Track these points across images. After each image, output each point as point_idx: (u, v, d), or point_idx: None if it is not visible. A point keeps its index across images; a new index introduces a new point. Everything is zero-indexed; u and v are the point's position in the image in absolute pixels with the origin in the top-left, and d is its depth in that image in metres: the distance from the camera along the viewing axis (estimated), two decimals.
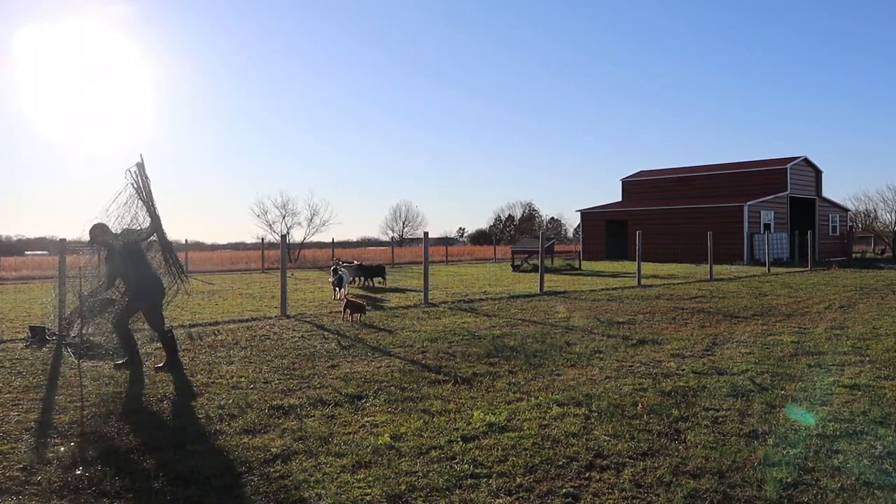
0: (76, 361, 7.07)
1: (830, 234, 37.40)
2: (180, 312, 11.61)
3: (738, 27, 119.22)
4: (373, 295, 15.66)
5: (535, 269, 22.19)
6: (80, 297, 6.84)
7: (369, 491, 3.62)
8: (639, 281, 18.25)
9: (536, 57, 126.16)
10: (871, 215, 46.18)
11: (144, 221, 7.20)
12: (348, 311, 10.50)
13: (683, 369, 6.67)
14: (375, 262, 22.96)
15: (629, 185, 40.24)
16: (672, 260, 30.95)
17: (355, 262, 19.97)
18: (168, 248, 7.40)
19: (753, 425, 4.72)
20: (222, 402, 5.51)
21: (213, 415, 5.16)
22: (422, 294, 13.57)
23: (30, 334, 8.69)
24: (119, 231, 7.08)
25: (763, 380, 6.19)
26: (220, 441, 4.52)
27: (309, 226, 41.08)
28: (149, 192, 7.12)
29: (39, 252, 47.47)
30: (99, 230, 6.99)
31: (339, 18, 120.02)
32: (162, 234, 7.28)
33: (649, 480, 3.73)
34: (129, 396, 5.71)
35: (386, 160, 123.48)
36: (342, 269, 15.32)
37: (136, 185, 7.05)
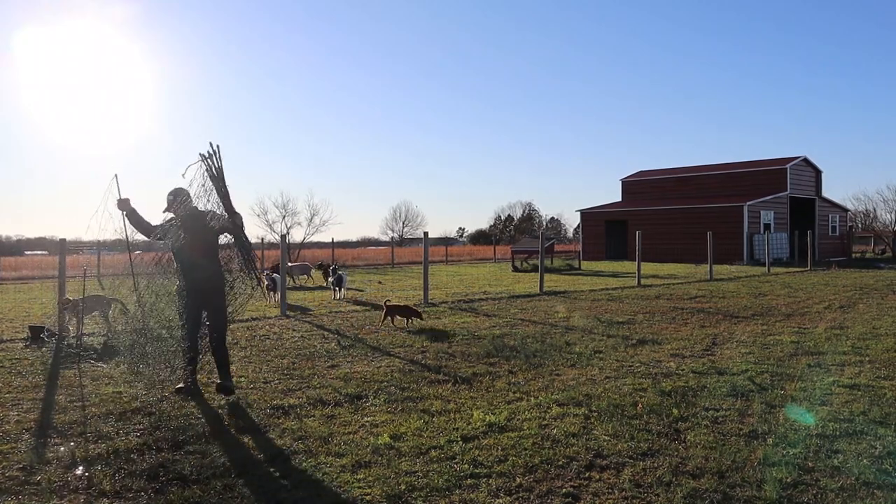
0: (76, 362, 7.07)
1: (830, 234, 37.39)
2: None
3: (739, 27, 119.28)
4: (372, 295, 15.65)
5: (534, 269, 22.19)
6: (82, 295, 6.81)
7: (369, 491, 3.62)
8: (639, 281, 18.25)
9: (537, 57, 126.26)
10: (871, 215, 46.17)
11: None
12: (395, 316, 9.72)
13: (683, 369, 6.67)
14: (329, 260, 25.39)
15: (629, 185, 40.22)
16: (672, 260, 30.94)
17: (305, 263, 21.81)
18: (247, 247, 6.22)
19: (753, 425, 4.72)
20: (222, 402, 5.52)
21: (213, 415, 5.17)
22: (422, 294, 13.57)
23: (30, 334, 8.69)
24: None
25: (763, 380, 6.19)
26: (220, 441, 4.52)
27: (309, 226, 41.01)
28: (223, 184, 5.82)
29: (39, 252, 47.48)
30: (185, 196, 5.78)
31: (339, 18, 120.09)
32: (241, 235, 6.08)
33: (649, 480, 3.74)
34: (129, 396, 5.71)
35: (386, 160, 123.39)
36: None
37: (211, 173, 5.75)
